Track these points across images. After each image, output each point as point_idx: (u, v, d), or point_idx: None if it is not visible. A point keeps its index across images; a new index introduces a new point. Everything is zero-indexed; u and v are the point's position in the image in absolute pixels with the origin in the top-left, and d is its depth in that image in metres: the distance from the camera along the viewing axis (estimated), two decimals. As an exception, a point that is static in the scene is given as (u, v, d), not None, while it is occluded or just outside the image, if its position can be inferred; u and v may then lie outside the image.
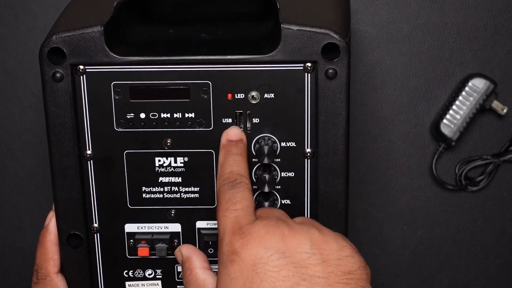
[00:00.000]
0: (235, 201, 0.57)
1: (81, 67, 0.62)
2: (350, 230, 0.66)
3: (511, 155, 0.84)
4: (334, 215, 0.64)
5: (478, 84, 0.82)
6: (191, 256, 0.63)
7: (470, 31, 0.84)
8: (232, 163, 0.61)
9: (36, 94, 0.84)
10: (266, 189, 0.62)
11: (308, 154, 0.63)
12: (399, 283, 0.87)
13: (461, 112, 0.82)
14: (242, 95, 0.63)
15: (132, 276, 0.68)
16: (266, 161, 0.63)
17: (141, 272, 0.68)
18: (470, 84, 0.82)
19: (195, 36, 0.65)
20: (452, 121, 0.82)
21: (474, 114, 0.82)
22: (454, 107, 0.82)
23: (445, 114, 0.83)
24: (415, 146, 0.85)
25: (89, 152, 0.64)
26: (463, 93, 0.82)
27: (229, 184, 0.59)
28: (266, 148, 0.63)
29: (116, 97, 0.63)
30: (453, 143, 0.83)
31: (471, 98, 0.82)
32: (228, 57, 0.61)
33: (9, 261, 0.85)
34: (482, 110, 0.83)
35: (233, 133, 0.63)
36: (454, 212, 0.85)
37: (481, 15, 0.84)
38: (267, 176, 0.63)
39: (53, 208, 0.66)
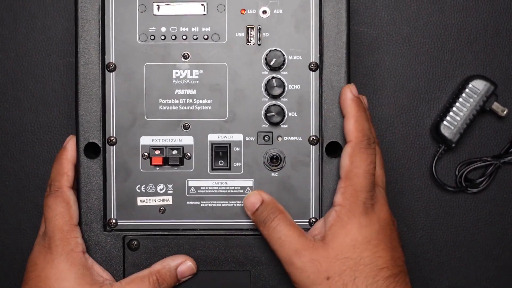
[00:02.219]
0: (374, 164, 0.67)
1: None
2: (351, 231, 0.66)
3: (511, 157, 0.84)
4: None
5: (478, 86, 0.82)
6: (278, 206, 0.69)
7: (470, 33, 0.84)
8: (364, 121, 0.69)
9: (36, 96, 0.84)
10: (276, 92, 0.70)
11: (313, 66, 0.70)
12: (399, 285, 0.87)
13: (461, 114, 0.82)
14: (254, 11, 0.70)
15: (144, 191, 0.71)
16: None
17: (153, 187, 0.71)
18: (470, 85, 0.82)
19: None
20: (452, 122, 0.82)
21: (474, 116, 0.82)
22: (454, 108, 0.82)
23: (445, 116, 0.83)
24: (415, 147, 0.85)
25: (112, 63, 0.70)
26: (463, 94, 0.82)
27: (366, 143, 0.67)
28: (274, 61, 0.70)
29: (140, 12, 0.70)
30: (453, 145, 0.83)
31: (471, 100, 0.82)
32: None
33: (9, 262, 0.85)
34: (482, 111, 0.83)
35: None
36: (454, 213, 0.85)
37: (481, 16, 0.84)
38: (275, 81, 0.70)
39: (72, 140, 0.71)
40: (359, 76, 0.84)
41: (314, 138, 0.71)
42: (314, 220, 0.71)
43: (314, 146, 0.71)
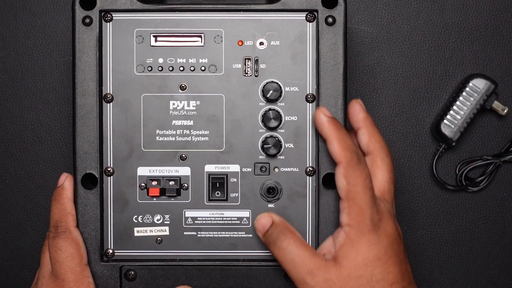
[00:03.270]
0: (370, 178, 0.67)
1: (110, 14, 0.70)
2: (350, 231, 0.66)
3: (511, 156, 0.84)
4: None
5: (478, 85, 0.82)
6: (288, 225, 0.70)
7: (471, 31, 0.84)
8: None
9: (36, 94, 0.84)
10: (273, 124, 0.70)
11: (310, 98, 0.70)
12: (399, 284, 0.87)
13: (462, 113, 0.82)
14: (251, 42, 0.70)
15: (141, 221, 0.71)
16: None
17: (150, 217, 0.71)
18: (470, 84, 0.82)
19: None
20: (453, 121, 0.82)
21: (474, 115, 0.82)
22: (454, 107, 0.82)
23: (446, 115, 0.83)
24: (415, 146, 0.85)
25: (109, 94, 0.70)
26: (464, 93, 0.82)
27: (356, 159, 0.67)
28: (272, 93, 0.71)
29: (138, 43, 0.70)
30: (453, 144, 0.83)
31: (471, 99, 0.82)
32: (239, 6, 0.70)
33: (9, 261, 0.85)
34: (483, 110, 0.83)
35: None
36: (454, 212, 0.85)
37: (481, 15, 0.84)
38: (271, 113, 0.70)
39: (66, 179, 0.71)
40: (359, 75, 0.84)
41: (311, 169, 0.71)
42: None
43: (310, 177, 0.71)
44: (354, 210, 0.66)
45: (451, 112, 0.82)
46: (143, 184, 0.71)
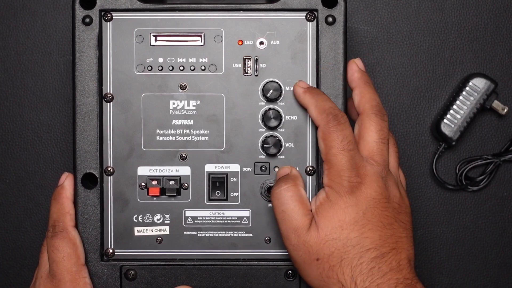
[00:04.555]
0: (349, 139, 0.66)
1: (110, 13, 0.70)
2: (351, 230, 0.66)
3: (511, 155, 0.84)
4: None
5: (478, 84, 0.82)
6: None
7: (471, 31, 0.84)
8: (326, 98, 0.69)
9: (36, 94, 0.84)
10: (273, 124, 0.70)
11: None
12: (399, 283, 0.87)
13: (462, 112, 0.82)
14: (251, 42, 0.70)
15: (141, 221, 0.71)
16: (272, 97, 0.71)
17: (150, 217, 0.71)
18: (470, 83, 0.82)
19: None
20: (453, 120, 0.82)
21: (474, 114, 0.82)
22: (454, 106, 0.82)
23: (446, 114, 0.83)
24: (415, 145, 0.85)
25: (109, 93, 0.70)
26: (464, 92, 0.82)
27: (334, 120, 0.66)
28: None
29: (138, 43, 0.70)
30: (453, 143, 0.83)
31: (471, 98, 0.82)
32: (239, 5, 0.70)
33: (9, 260, 0.85)
34: (483, 109, 0.83)
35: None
36: (454, 212, 0.85)
37: (481, 14, 0.84)
38: (272, 112, 0.70)
39: (67, 177, 0.71)
40: (359, 74, 0.84)
41: (311, 169, 0.71)
42: None
43: (311, 176, 0.71)
44: (332, 172, 0.66)
45: (451, 111, 0.82)
46: (143, 184, 0.71)
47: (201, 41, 0.71)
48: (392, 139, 0.70)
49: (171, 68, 0.71)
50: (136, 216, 0.71)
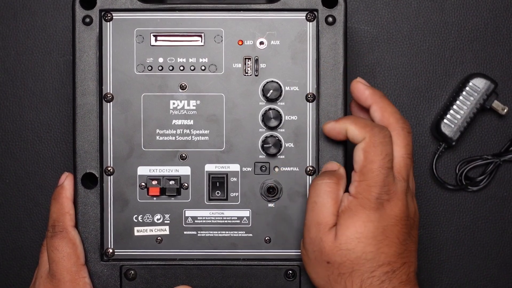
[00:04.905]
0: (390, 157, 0.66)
1: (110, 13, 0.70)
2: (351, 230, 0.66)
3: (511, 155, 0.84)
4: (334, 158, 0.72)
5: (478, 84, 0.82)
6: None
7: (471, 31, 0.84)
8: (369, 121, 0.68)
9: (36, 94, 0.84)
10: (273, 124, 0.70)
11: (310, 97, 0.70)
12: (399, 283, 0.87)
13: (462, 112, 0.82)
14: (251, 42, 0.70)
15: (141, 221, 0.71)
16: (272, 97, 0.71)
17: (150, 216, 0.71)
18: (470, 84, 0.82)
19: None
20: (453, 121, 0.82)
21: (474, 114, 0.82)
22: (454, 107, 0.82)
23: (446, 114, 0.83)
24: (415, 146, 0.85)
25: (109, 93, 0.70)
26: (464, 93, 0.82)
27: (380, 132, 0.66)
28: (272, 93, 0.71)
29: (138, 43, 0.70)
30: (453, 143, 0.83)
31: (471, 98, 0.82)
32: (239, 5, 0.70)
33: (9, 260, 0.85)
34: (483, 110, 0.83)
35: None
36: (454, 212, 0.85)
37: (481, 14, 0.84)
38: (272, 112, 0.70)
39: (67, 177, 0.71)
40: (359, 74, 0.84)
41: (311, 169, 0.71)
42: None
43: (311, 176, 0.71)
44: (362, 185, 0.65)
45: (451, 111, 0.82)
46: (143, 184, 0.71)
47: (201, 41, 0.71)
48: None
49: (171, 68, 0.71)
50: (136, 216, 0.71)
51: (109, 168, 0.71)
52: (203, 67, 0.71)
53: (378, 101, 0.68)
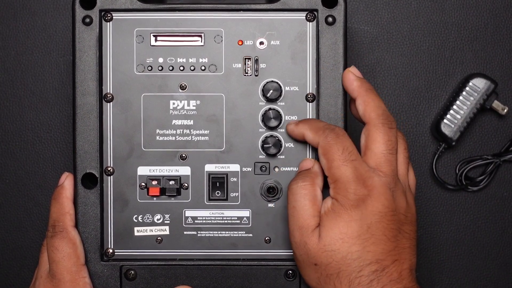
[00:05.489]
0: (350, 150, 0.65)
1: (110, 13, 0.70)
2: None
3: (511, 155, 0.84)
4: None
5: (478, 84, 0.82)
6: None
7: (471, 31, 0.84)
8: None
9: (36, 94, 0.84)
10: (273, 124, 0.70)
11: (310, 97, 0.70)
12: (399, 283, 0.87)
13: (462, 112, 0.82)
14: (251, 42, 0.70)
15: (141, 221, 0.71)
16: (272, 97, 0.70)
17: (150, 217, 0.71)
18: (470, 84, 0.82)
19: None
20: (453, 121, 0.82)
21: (474, 114, 0.82)
22: (454, 107, 0.82)
23: (446, 114, 0.83)
24: (415, 146, 0.85)
25: (109, 93, 0.70)
26: (464, 93, 0.82)
27: (331, 132, 0.66)
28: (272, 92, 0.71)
29: (138, 43, 0.70)
30: (453, 143, 0.83)
31: (471, 98, 0.82)
32: (239, 5, 0.70)
33: (9, 260, 0.85)
34: (483, 110, 0.83)
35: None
36: (454, 212, 0.85)
37: (481, 14, 0.84)
38: (272, 112, 0.71)
39: (67, 177, 0.71)
40: (359, 74, 0.84)
41: None
42: None
43: None
44: (337, 185, 0.65)
45: (451, 111, 0.82)
46: (143, 184, 0.71)
47: (201, 41, 0.71)
48: (402, 141, 0.69)
49: (171, 68, 0.71)
50: (136, 216, 0.71)
51: (109, 168, 0.71)
52: (203, 67, 0.71)
53: (363, 94, 0.68)
